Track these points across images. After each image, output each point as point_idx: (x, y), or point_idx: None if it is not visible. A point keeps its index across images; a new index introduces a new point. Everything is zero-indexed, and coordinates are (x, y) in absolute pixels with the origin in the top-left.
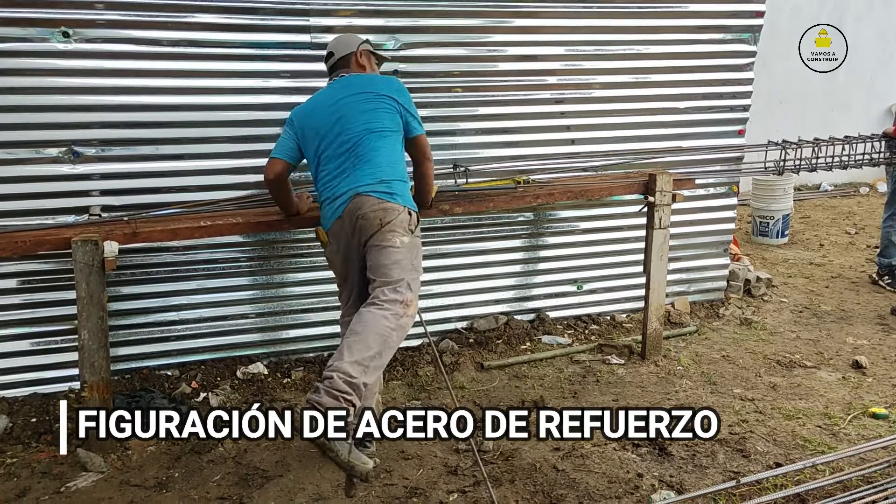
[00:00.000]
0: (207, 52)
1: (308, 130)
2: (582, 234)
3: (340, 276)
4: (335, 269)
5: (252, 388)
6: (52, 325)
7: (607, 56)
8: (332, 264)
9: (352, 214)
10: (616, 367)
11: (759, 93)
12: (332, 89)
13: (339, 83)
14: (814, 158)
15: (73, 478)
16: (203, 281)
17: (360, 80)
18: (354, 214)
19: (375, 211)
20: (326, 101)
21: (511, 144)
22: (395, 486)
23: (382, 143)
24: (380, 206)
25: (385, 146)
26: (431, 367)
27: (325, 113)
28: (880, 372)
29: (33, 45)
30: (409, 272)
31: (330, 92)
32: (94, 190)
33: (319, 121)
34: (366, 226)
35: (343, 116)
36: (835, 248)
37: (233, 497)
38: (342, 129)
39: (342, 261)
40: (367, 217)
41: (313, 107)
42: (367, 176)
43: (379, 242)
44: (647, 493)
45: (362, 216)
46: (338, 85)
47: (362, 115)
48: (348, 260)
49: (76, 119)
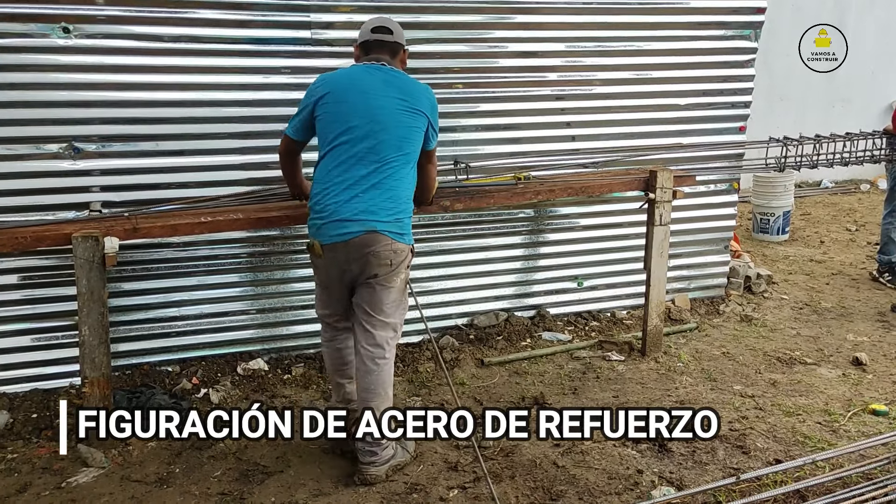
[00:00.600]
0: (208, 48)
1: (331, 108)
2: (582, 230)
3: (324, 283)
4: (321, 277)
5: (252, 384)
6: (52, 321)
7: (608, 52)
8: (319, 271)
9: (362, 247)
10: (616, 363)
11: (760, 89)
12: (373, 76)
13: (381, 73)
14: (815, 155)
15: (73, 473)
16: (203, 277)
17: (402, 82)
18: (365, 249)
19: (388, 253)
20: (364, 87)
21: (512, 141)
22: (395, 483)
23: (407, 173)
24: (391, 248)
25: (408, 176)
26: (432, 363)
27: (359, 102)
28: (880, 369)
29: (34, 40)
30: (400, 309)
31: (370, 78)
32: (94, 186)
33: (351, 107)
34: (374, 262)
35: (378, 121)
36: (835, 244)
37: (233, 493)
38: (373, 135)
39: (336, 277)
40: (378, 255)
41: (348, 87)
42: (385, 211)
43: (383, 283)
44: (647, 489)
45: (373, 254)
46: (380, 75)
47: (398, 130)
48: (340, 280)
49: (77, 115)
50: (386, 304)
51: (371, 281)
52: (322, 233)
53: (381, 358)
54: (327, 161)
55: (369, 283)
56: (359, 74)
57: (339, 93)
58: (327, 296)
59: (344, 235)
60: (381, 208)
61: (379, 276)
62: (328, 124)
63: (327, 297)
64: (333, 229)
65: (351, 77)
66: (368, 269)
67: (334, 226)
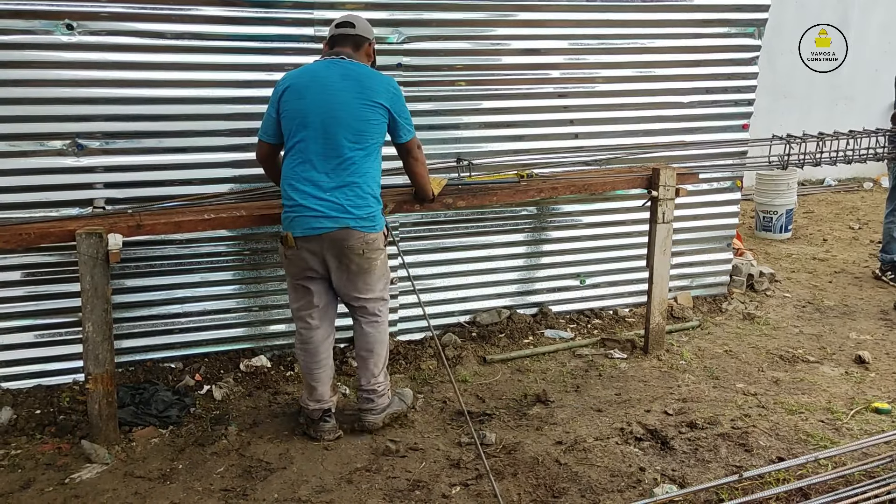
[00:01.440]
0: (211, 45)
1: (291, 105)
2: (585, 228)
3: (295, 275)
4: (293, 269)
5: (255, 380)
6: (56, 318)
7: (611, 50)
8: (291, 263)
9: (336, 241)
10: (618, 361)
11: (763, 87)
12: (331, 70)
13: (339, 67)
14: (818, 153)
15: (77, 469)
16: (206, 274)
17: (360, 74)
18: (340, 243)
19: (361, 244)
20: (322, 82)
21: (515, 138)
22: (397, 479)
23: (370, 166)
24: (364, 240)
25: (372, 169)
26: (434, 360)
27: (317, 98)
28: (883, 367)
29: (37, 37)
30: (384, 281)
31: (327, 72)
32: (97, 182)
33: (309, 103)
34: (349, 254)
35: (334, 116)
36: (838, 243)
37: (236, 489)
38: (330, 130)
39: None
40: (353, 248)
41: (307, 83)
42: (356, 209)
43: (364, 267)
44: (649, 486)
45: (348, 247)
46: (337, 69)
47: (355, 124)
48: (314, 269)
49: (80, 112)
50: (370, 283)
51: (350, 270)
52: (295, 225)
53: (377, 322)
54: (292, 158)
55: (349, 273)
56: (318, 70)
57: (298, 89)
58: (301, 289)
59: (317, 230)
60: (351, 206)
61: (356, 265)
62: (289, 121)
63: (302, 291)
64: (306, 223)
65: (310, 73)
66: (345, 259)
67: (307, 220)
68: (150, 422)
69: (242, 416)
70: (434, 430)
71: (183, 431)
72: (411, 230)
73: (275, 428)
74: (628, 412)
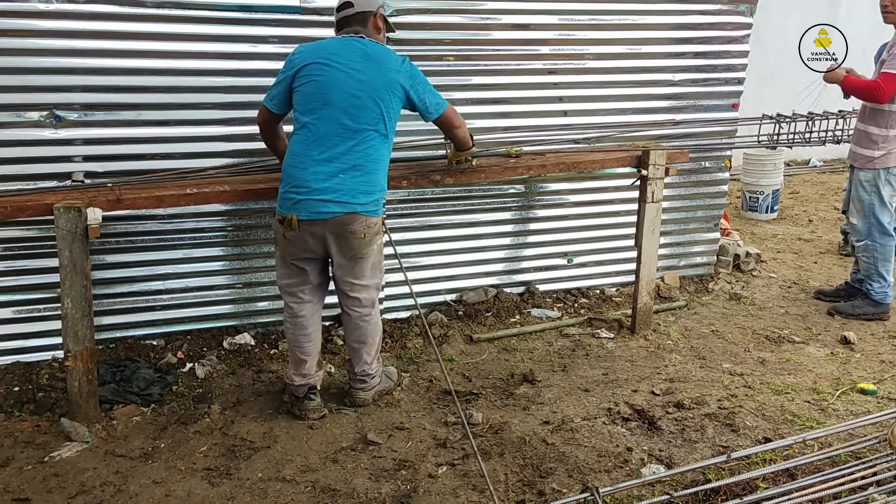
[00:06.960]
0: (194, 15)
1: (311, 80)
2: (573, 206)
3: (293, 255)
4: (290, 249)
5: (239, 358)
6: (34, 294)
7: (601, 26)
8: (288, 243)
9: (341, 225)
10: (605, 340)
11: (752, 66)
12: (352, 50)
13: (357, 48)
14: (807, 132)
15: (56, 447)
16: (189, 250)
17: (380, 55)
18: (344, 227)
19: (363, 228)
20: (344, 61)
21: (503, 115)
22: (384, 459)
23: (384, 148)
24: (366, 224)
25: (385, 152)
26: (420, 339)
27: (340, 76)
28: (868, 348)
29: (13, 4)
30: (378, 271)
31: (349, 52)
32: (76, 155)
33: (331, 80)
34: (351, 238)
35: (357, 96)
36: (823, 223)
37: (220, 468)
38: (352, 110)
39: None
40: (355, 232)
41: (328, 59)
42: (365, 194)
43: (361, 254)
44: (636, 467)
45: (350, 231)
46: (359, 46)
47: (376, 105)
48: (314, 251)
49: (58, 82)
50: (366, 271)
51: (350, 254)
52: (300, 207)
53: (369, 315)
54: (305, 134)
55: (348, 257)
56: (339, 48)
57: (320, 65)
58: (296, 268)
59: (324, 214)
60: (361, 192)
61: (356, 249)
62: (307, 96)
63: (296, 270)
64: (314, 206)
65: (331, 49)
66: (345, 244)
67: (314, 203)
68: (131, 400)
69: (226, 395)
70: (420, 410)
71: (165, 410)
72: (398, 207)
73: (259, 406)
74: (615, 392)
